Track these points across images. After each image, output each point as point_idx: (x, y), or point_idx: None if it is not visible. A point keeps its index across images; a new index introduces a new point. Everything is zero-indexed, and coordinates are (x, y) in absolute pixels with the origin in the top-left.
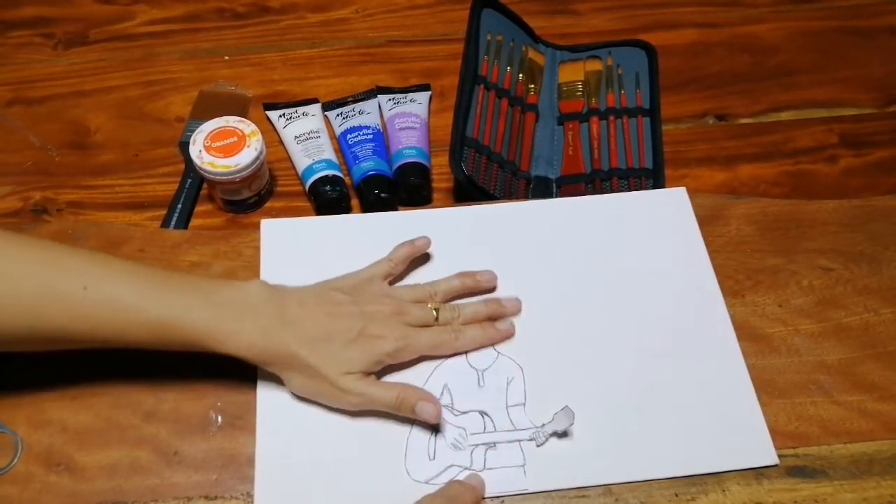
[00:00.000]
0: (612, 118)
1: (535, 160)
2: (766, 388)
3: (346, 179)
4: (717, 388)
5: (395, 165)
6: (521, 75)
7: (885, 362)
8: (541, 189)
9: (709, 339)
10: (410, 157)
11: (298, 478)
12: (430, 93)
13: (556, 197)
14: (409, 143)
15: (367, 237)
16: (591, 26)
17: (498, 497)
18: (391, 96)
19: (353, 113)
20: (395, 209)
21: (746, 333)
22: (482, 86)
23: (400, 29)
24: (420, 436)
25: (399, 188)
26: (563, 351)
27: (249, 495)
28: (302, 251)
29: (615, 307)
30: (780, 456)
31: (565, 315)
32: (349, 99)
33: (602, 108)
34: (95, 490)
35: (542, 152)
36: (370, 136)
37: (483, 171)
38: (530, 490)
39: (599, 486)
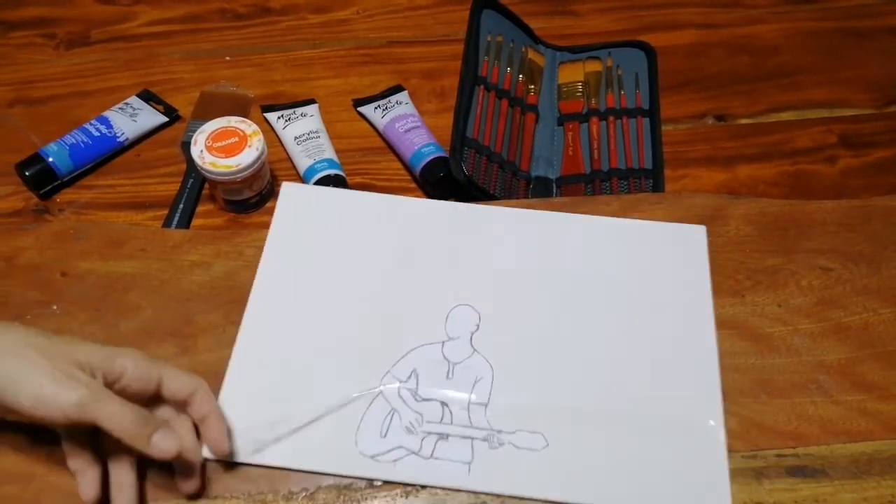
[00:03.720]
0: (611, 119)
1: (536, 160)
2: (765, 387)
3: (346, 179)
4: (686, 432)
5: (420, 167)
6: (521, 76)
7: (884, 362)
8: (541, 189)
9: (690, 381)
10: (431, 155)
11: (257, 412)
12: (406, 91)
13: (557, 197)
14: (421, 142)
15: (380, 216)
16: (591, 27)
17: (441, 489)
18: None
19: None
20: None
21: (746, 333)
22: (482, 86)
23: (400, 30)
24: (377, 413)
25: (431, 185)
26: (537, 360)
27: (250, 495)
28: (312, 218)
29: (600, 329)
30: (779, 456)
31: (546, 327)
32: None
33: (602, 108)
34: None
35: (542, 152)
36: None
37: (483, 171)
38: (469, 489)
39: (540, 500)
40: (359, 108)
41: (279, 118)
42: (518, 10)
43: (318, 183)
